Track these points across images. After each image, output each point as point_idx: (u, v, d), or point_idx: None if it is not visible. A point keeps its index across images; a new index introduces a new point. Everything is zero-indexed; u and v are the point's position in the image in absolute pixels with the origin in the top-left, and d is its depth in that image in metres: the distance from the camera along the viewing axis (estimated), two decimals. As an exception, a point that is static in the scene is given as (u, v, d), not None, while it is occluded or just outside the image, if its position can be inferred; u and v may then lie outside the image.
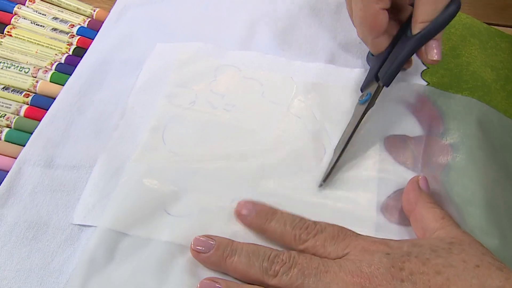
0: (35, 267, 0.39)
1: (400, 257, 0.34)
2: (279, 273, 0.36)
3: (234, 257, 0.37)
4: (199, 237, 0.39)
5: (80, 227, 0.41)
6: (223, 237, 0.39)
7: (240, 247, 0.38)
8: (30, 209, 0.42)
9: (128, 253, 0.40)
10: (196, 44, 0.54)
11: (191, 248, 0.38)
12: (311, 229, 0.38)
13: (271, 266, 0.36)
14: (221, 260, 0.37)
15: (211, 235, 0.39)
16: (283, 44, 0.54)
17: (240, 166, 0.45)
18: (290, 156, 0.46)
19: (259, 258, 0.37)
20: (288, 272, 0.35)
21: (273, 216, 0.40)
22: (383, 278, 0.33)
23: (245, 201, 0.41)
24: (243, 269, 0.37)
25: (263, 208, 0.40)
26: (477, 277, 0.32)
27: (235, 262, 0.37)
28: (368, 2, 0.44)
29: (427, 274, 0.33)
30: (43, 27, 0.58)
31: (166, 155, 0.46)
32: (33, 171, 0.44)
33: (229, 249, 0.38)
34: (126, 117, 0.48)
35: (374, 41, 0.46)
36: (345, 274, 0.34)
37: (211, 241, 0.38)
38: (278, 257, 0.36)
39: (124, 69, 0.52)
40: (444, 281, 0.32)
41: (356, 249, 0.36)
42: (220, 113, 0.49)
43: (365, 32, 0.46)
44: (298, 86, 0.51)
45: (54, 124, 0.47)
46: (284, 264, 0.36)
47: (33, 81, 0.52)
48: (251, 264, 0.37)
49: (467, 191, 0.41)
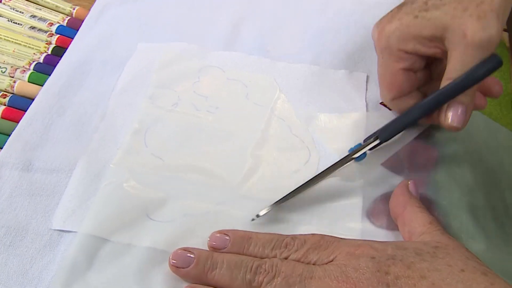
0: (13, 274, 0.38)
1: (385, 260, 0.34)
2: (263, 283, 0.35)
3: (215, 270, 0.36)
4: (177, 250, 0.38)
5: (60, 232, 0.40)
6: (202, 250, 0.38)
7: (220, 259, 0.36)
8: (7, 214, 0.41)
9: (109, 259, 0.39)
10: (179, 44, 0.53)
11: (170, 264, 0.37)
12: (291, 246, 0.37)
13: (254, 277, 0.35)
14: (202, 275, 0.36)
15: (189, 248, 0.38)
16: (267, 44, 0.54)
17: (224, 169, 0.44)
18: (274, 159, 0.45)
19: (241, 270, 0.36)
20: (272, 282, 0.35)
21: (249, 241, 0.38)
22: (368, 282, 0.33)
23: (216, 234, 0.39)
24: (226, 282, 0.36)
25: (237, 236, 0.39)
26: (462, 281, 0.32)
27: (217, 275, 0.36)
28: (387, 60, 0.43)
29: (412, 278, 0.33)
30: (20, 25, 0.56)
31: (148, 158, 0.45)
32: (11, 175, 0.43)
33: (210, 262, 0.36)
34: (107, 119, 0.47)
35: (392, 102, 0.45)
36: (331, 279, 0.34)
37: (190, 255, 0.37)
38: (261, 267, 0.35)
39: (104, 69, 0.51)
40: (429, 285, 0.32)
41: (341, 255, 0.35)
42: (204, 115, 0.48)
43: (382, 92, 0.45)
44: (282, 88, 0.50)
45: (32, 126, 0.46)
46: (268, 274, 0.35)
47: (11, 81, 0.51)
48: (234, 277, 0.36)
49: (453, 194, 0.41)
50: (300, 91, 0.50)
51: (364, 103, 0.49)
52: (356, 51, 0.54)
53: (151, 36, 0.54)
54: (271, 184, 0.44)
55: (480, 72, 0.38)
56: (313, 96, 0.50)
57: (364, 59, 0.53)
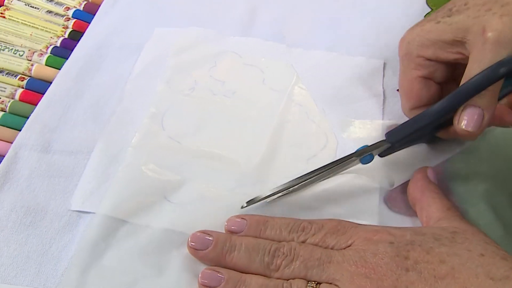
0: (33, 254, 0.38)
1: (404, 245, 0.34)
2: (281, 266, 0.35)
3: (233, 253, 0.36)
4: (196, 233, 0.38)
5: (79, 213, 0.41)
6: (220, 233, 0.38)
7: (239, 242, 0.36)
8: (27, 195, 0.41)
9: (128, 240, 0.39)
10: (196, 29, 0.53)
11: (188, 246, 0.37)
12: (308, 230, 0.37)
13: (272, 260, 0.35)
14: (220, 257, 0.36)
15: (208, 231, 0.38)
16: (283, 30, 0.54)
17: (240, 154, 0.44)
18: (292, 144, 0.45)
19: (259, 252, 0.36)
20: (290, 265, 0.35)
21: (265, 225, 0.38)
22: (387, 267, 0.33)
23: (233, 218, 0.39)
24: (244, 264, 0.36)
25: (253, 220, 0.38)
26: (482, 266, 0.32)
27: (235, 258, 0.36)
28: (406, 67, 0.42)
29: (431, 263, 0.32)
30: (37, 9, 0.56)
31: (165, 141, 0.45)
32: (30, 156, 0.43)
33: (228, 245, 0.36)
34: (124, 103, 0.48)
35: (411, 112, 0.43)
36: (349, 264, 0.34)
37: (209, 237, 0.37)
38: (279, 250, 0.35)
39: (121, 53, 0.51)
40: (449, 270, 0.32)
41: (359, 240, 0.35)
42: (220, 99, 0.48)
43: (402, 101, 0.43)
44: (299, 74, 0.50)
45: (51, 108, 0.46)
46: (286, 257, 0.35)
47: (28, 64, 0.51)
48: (252, 259, 0.36)
49: (470, 182, 0.41)
50: (317, 78, 0.50)
51: (382, 89, 0.49)
52: (372, 38, 0.53)
53: (167, 21, 0.54)
54: (288, 169, 0.44)
55: (498, 71, 0.34)
56: (330, 83, 0.50)
57: (380, 47, 0.52)
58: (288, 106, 0.48)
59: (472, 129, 0.36)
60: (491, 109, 0.36)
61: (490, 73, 0.35)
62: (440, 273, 0.32)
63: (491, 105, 0.36)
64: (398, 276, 0.32)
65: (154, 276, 0.37)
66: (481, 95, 0.36)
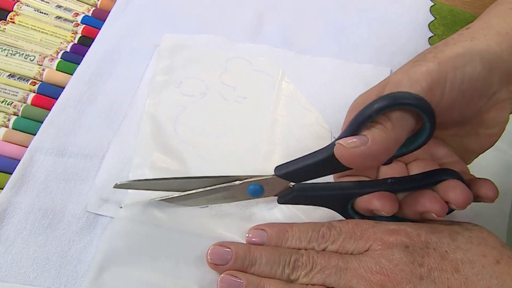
0: (52, 256, 0.39)
1: (419, 250, 0.34)
2: (300, 276, 0.36)
3: (254, 266, 0.37)
4: (214, 247, 0.38)
5: (96, 215, 0.41)
6: (239, 244, 0.38)
7: (258, 255, 0.37)
8: (44, 197, 0.42)
9: (147, 243, 0.39)
10: (206, 36, 0.54)
11: (207, 261, 0.38)
12: (328, 236, 0.37)
13: (293, 272, 0.36)
14: (241, 270, 0.37)
15: (226, 243, 0.38)
16: (291, 37, 0.55)
17: (254, 158, 0.45)
18: (303, 147, 0.46)
19: (279, 265, 0.36)
20: (309, 274, 0.36)
21: (286, 236, 0.39)
22: (402, 275, 0.33)
23: (254, 230, 0.40)
24: (265, 276, 0.36)
25: (274, 231, 0.39)
26: (496, 276, 0.32)
27: (256, 271, 0.37)
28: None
29: (446, 271, 0.33)
30: (46, 15, 0.57)
31: (178, 145, 0.46)
32: (45, 159, 0.44)
33: (248, 259, 0.37)
34: (136, 107, 0.48)
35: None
36: (365, 270, 0.34)
37: (227, 250, 0.38)
38: (298, 261, 0.36)
39: (133, 58, 0.52)
40: (463, 280, 0.32)
41: (376, 243, 0.36)
42: (232, 104, 0.49)
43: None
44: (306, 80, 0.51)
45: (65, 112, 0.47)
46: (305, 267, 0.36)
47: (39, 69, 0.51)
48: (273, 272, 0.36)
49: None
50: (325, 84, 0.51)
51: (388, 96, 0.50)
52: (378, 45, 0.55)
53: (176, 27, 0.55)
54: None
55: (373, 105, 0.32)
56: (337, 89, 0.51)
57: (386, 54, 0.54)
58: (298, 111, 0.49)
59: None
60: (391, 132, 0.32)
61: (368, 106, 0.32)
62: (453, 284, 0.32)
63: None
64: (413, 285, 0.33)
65: (172, 279, 0.38)
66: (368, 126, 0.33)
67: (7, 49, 0.52)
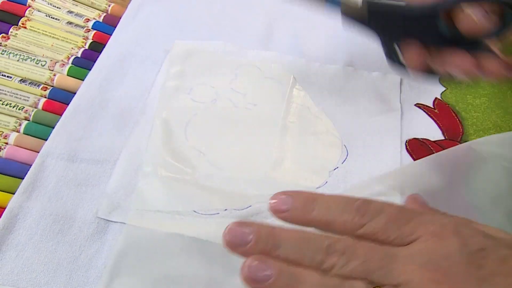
0: (63, 261, 0.39)
1: (476, 251, 0.30)
2: (335, 266, 0.29)
3: (278, 250, 0.29)
4: (232, 225, 0.30)
5: (107, 221, 0.41)
6: (261, 225, 0.30)
7: (284, 237, 0.30)
8: (55, 202, 0.42)
9: (158, 249, 0.39)
10: (217, 42, 0.54)
11: (224, 242, 0.30)
12: (364, 211, 0.30)
13: (326, 259, 0.29)
14: (263, 253, 0.30)
15: (246, 222, 0.31)
16: (301, 45, 0.55)
17: (264, 165, 0.45)
18: (314, 156, 0.46)
19: (309, 250, 0.30)
20: (347, 265, 0.29)
21: (313, 204, 0.31)
22: (462, 277, 0.29)
23: (278, 195, 0.32)
24: (292, 261, 0.30)
25: (301, 198, 0.31)
26: None
27: (281, 256, 0.30)
28: None
29: (509, 276, 0.29)
30: (58, 21, 0.57)
31: (188, 152, 0.46)
32: (57, 165, 0.44)
33: (271, 242, 0.30)
34: (147, 113, 0.48)
35: None
36: (418, 266, 0.29)
37: (246, 230, 0.30)
38: (332, 247, 0.29)
39: (144, 64, 0.52)
40: None
41: (426, 235, 0.30)
42: (242, 111, 0.49)
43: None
44: (317, 88, 0.51)
45: (76, 118, 0.47)
46: (342, 256, 0.29)
47: (50, 74, 0.52)
48: (301, 257, 0.30)
49: (489, 198, 0.42)
50: (335, 92, 0.51)
51: (399, 104, 0.50)
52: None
53: (186, 34, 0.55)
54: (301, 169, 0.45)
55: None
56: (347, 97, 0.51)
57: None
58: (308, 119, 0.49)
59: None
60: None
61: None
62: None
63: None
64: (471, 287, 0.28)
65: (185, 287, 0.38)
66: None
67: (19, 54, 0.53)
